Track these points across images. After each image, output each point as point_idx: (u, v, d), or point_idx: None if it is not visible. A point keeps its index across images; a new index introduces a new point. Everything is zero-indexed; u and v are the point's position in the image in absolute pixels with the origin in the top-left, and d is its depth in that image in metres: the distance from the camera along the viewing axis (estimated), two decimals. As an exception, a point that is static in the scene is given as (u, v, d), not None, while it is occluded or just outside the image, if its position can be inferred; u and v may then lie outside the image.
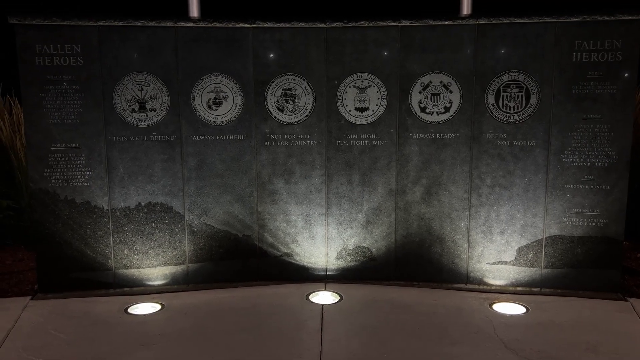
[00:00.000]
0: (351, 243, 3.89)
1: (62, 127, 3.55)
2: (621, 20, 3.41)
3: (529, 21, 3.49)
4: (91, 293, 3.65)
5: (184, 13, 3.87)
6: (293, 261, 3.90)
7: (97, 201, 3.65)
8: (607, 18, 3.42)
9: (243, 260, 3.86)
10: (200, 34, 3.62)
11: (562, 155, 3.58)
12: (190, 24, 3.60)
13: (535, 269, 3.70)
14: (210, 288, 3.77)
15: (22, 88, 3.49)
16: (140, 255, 3.74)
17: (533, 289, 3.70)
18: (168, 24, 3.58)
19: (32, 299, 3.57)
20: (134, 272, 3.75)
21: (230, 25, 3.63)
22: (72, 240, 3.63)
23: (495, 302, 3.53)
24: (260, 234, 3.86)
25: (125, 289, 3.73)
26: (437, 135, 3.71)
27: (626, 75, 3.45)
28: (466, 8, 3.83)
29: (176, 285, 3.80)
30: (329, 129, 3.79)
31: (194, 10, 3.85)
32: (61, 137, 3.56)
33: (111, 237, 3.69)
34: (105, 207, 3.66)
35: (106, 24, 3.51)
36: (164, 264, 3.78)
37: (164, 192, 3.72)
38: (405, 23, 3.60)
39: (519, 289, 3.72)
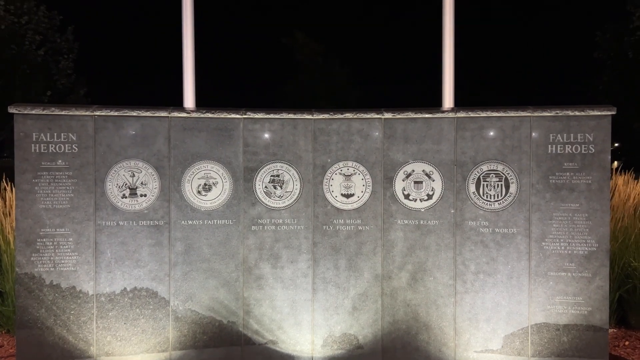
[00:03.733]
0: (337, 330, 3.85)
1: (52, 212, 3.61)
2: (591, 116, 3.61)
3: (504, 115, 3.69)
4: (70, 382, 3.55)
5: (178, 103, 4.07)
6: (278, 349, 3.84)
7: (83, 286, 3.64)
8: (577, 113, 3.62)
9: (227, 348, 3.79)
10: (193, 123, 3.78)
11: (543, 243, 3.66)
12: (184, 115, 3.76)
13: (523, 357, 3.66)
14: (192, 377, 3.68)
15: (16, 174, 3.58)
16: (123, 342, 3.68)
17: (522, 379, 3.64)
18: (162, 114, 3.74)
19: (8, 389, 3.47)
20: (115, 359, 3.67)
21: (222, 116, 3.80)
22: (54, 326, 3.59)
23: (483, 393, 3.46)
24: (245, 320, 3.83)
25: (106, 378, 3.63)
26: (421, 222, 3.79)
27: (600, 166, 3.60)
28: (448, 102, 4.07)
29: (158, 373, 3.71)
30: (316, 214, 3.87)
31: (189, 102, 4.06)
32: (51, 222, 3.61)
33: (94, 323, 3.65)
34: (91, 292, 3.65)
35: (102, 113, 3.67)
36: (147, 351, 3.71)
37: (150, 277, 3.73)
38: (388, 115, 3.79)
39: (507, 378, 3.66)
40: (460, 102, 4.18)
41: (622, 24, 12.74)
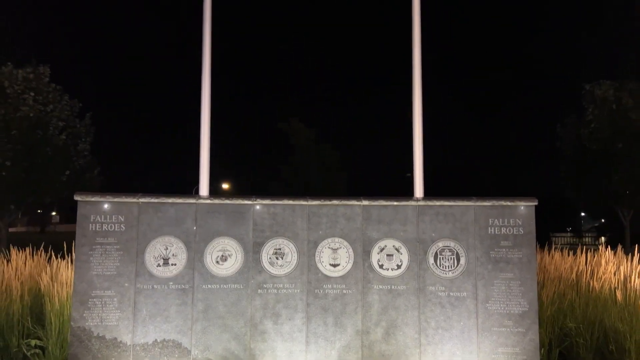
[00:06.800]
0: (326, 376, 4.74)
1: (102, 277, 4.59)
2: (520, 205, 4.75)
3: (454, 204, 4.82)
4: (108, 417, 4.37)
5: (186, 183, 5.17)
6: (278, 391, 4.70)
7: (123, 337, 4.56)
8: (509, 203, 4.76)
9: (236, 390, 4.66)
10: (214, 207, 4.86)
11: (487, 304, 4.66)
12: (208, 201, 4.86)
13: (475, 398, 4.55)
14: (208, 414, 4.51)
15: (76, 248, 4.61)
16: (152, 384, 4.54)
17: (474, 417, 4.51)
18: (191, 201, 4.83)
19: (59, 422, 4.27)
20: (145, 399, 4.52)
21: (238, 202, 4.89)
22: (98, 370, 4.47)
23: None
24: (251, 367, 4.72)
25: (137, 415, 4.46)
26: (393, 287, 4.80)
27: (528, 244, 4.69)
28: (418, 191, 5.19)
29: (179, 411, 4.53)
30: (309, 280, 4.87)
31: (204, 190, 5.16)
32: (101, 285, 4.58)
33: (130, 368, 4.53)
34: (129, 343, 4.56)
35: (145, 200, 4.76)
36: (171, 392, 4.56)
37: (176, 330, 4.65)
38: (365, 202, 4.91)
39: (463, 416, 4.53)
40: (445, 186, 5.28)
41: (578, 118, 14.37)
